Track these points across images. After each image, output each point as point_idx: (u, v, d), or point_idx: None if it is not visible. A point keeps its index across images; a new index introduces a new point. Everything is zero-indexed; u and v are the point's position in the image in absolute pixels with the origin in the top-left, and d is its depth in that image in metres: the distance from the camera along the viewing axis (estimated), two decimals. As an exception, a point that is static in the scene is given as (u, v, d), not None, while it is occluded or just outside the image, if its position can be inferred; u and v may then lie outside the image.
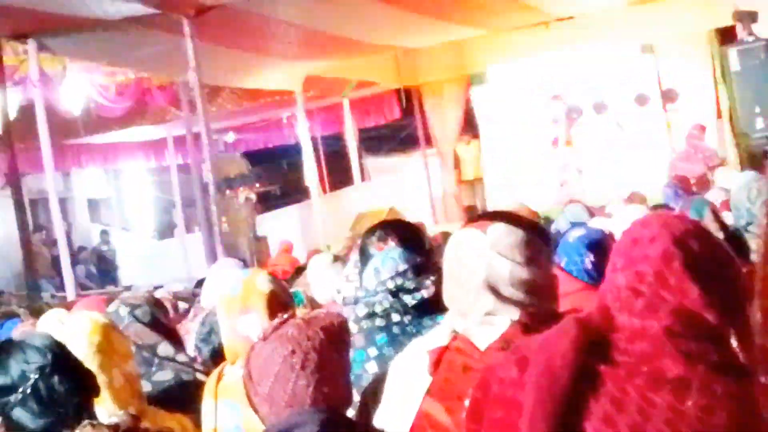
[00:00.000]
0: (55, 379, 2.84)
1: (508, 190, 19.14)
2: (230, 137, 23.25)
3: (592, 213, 8.52)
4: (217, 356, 3.90)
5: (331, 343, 2.54)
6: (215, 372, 3.55)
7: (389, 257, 3.45)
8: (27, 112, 13.45)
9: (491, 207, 17.86)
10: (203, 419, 3.47)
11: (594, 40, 17.76)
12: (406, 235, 3.93)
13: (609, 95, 18.74)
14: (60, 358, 2.90)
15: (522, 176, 19.59)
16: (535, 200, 13.53)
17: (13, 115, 12.58)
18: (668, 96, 18.80)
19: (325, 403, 2.48)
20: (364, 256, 3.86)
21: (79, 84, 15.83)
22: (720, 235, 4.83)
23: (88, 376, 2.98)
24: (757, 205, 5.23)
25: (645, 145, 18.60)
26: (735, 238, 4.91)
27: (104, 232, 23.15)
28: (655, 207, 7.50)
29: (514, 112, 20.01)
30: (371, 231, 4.01)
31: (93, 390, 2.97)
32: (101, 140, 21.50)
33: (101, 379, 3.11)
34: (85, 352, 3.21)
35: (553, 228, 8.16)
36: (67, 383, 2.86)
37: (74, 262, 18.47)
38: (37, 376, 2.82)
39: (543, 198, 16.82)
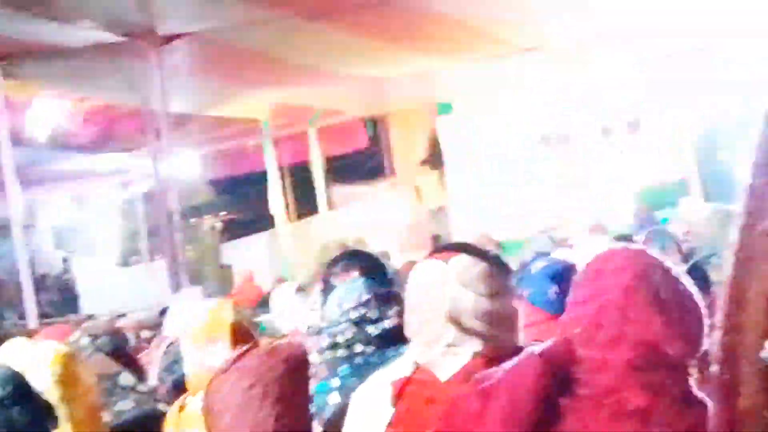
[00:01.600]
0: (15, 410, 2.81)
1: (472, 219, 19.18)
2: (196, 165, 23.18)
3: (557, 244, 8.55)
4: (180, 386, 3.86)
5: (292, 374, 2.52)
6: (177, 403, 3.52)
7: (352, 287, 3.44)
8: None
9: (456, 237, 17.89)
10: (164, 450, 3.44)
11: (560, 71, 17.87)
12: (369, 264, 3.92)
13: (575, 126, 18.85)
14: (20, 390, 2.87)
15: (487, 206, 19.66)
16: (499, 230, 13.57)
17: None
18: (633, 126, 18.93)
19: (286, 435, 2.46)
20: (327, 287, 3.84)
21: (46, 110, 15.74)
22: (682, 266, 4.85)
23: (48, 407, 2.95)
24: (718, 237, 5.26)
25: (610, 175, 18.71)
26: (697, 269, 4.93)
27: (65, 260, 22.94)
28: (618, 238, 7.50)
29: (479, 141, 20.10)
30: (334, 261, 4.00)
31: (52, 422, 2.94)
32: (67, 167, 21.37)
33: (63, 410, 3.08)
34: (47, 382, 3.17)
35: (518, 259, 8.18)
36: (27, 415, 2.83)
37: (37, 290, 18.30)
38: (-4, 408, 2.79)
39: (508, 228, 16.87)
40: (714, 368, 0.62)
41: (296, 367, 2.55)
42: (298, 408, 2.53)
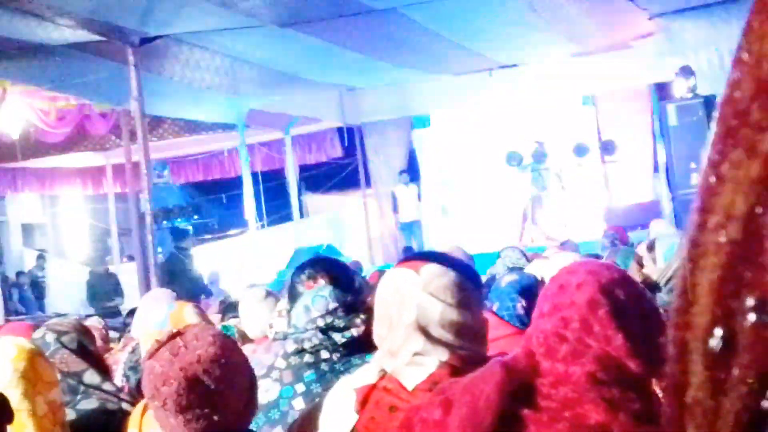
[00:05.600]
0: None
1: (446, 232, 19.21)
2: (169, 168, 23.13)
3: (528, 258, 8.56)
4: (144, 386, 3.85)
5: (213, 370, 2.51)
6: (141, 403, 3.51)
7: (320, 295, 3.43)
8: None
9: (429, 248, 17.88)
10: (127, 450, 3.42)
11: (536, 89, 17.92)
12: (337, 273, 3.90)
13: (549, 144, 18.91)
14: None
15: (461, 219, 19.69)
16: (473, 244, 13.58)
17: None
18: (607, 148, 19.02)
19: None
20: (293, 294, 3.83)
21: (19, 108, 15.66)
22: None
23: (2, 401, 2.93)
24: (661, 257, 5.30)
25: (582, 194, 18.77)
26: (658, 288, 4.96)
27: (40, 257, 22.75)
28: (587, 255, 7.55)
29: (455, 155, 20.14)
30: (301, 268, 3.98)
31: (6, 416, 2.92)
32: (39, 165, 21.26)
33: (24, 406, 3.06)
34: (8, 378, 3.15)
35: (489, 272, 8.19)
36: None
37: (10, 286, 18.19)
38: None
39: (481, 241, 16.89)
40: (666, 368, 0.64)
41: (215, 363, 2.53)
42: (228, 402, 2.52)
